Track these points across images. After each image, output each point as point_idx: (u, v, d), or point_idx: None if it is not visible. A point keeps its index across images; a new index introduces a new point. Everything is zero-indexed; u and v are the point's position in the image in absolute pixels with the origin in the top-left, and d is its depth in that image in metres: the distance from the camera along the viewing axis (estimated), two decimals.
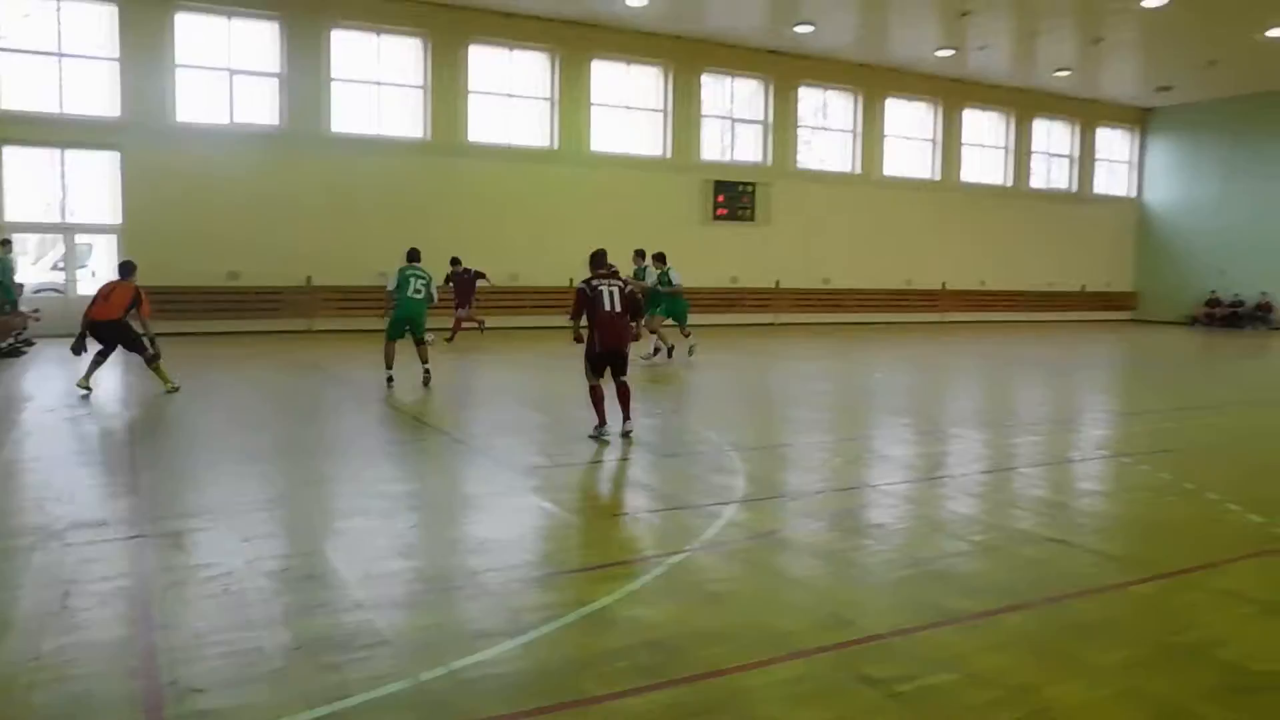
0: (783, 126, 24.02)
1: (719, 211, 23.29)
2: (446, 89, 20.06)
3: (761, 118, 23.99)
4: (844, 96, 25.10)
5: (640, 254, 15.01)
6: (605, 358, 7.88)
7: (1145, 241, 30.23)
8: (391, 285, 11.25)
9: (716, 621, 4.03)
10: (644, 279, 14.34)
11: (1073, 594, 4.49)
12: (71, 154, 17.60)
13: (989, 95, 26.75)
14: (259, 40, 18.59)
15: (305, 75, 18.78)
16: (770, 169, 23.98)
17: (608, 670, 3.51)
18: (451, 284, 16.75)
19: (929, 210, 26.09)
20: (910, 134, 26.17)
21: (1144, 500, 6.55)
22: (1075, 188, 29.31)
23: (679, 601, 4.27)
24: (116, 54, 17.39)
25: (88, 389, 10.05)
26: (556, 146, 21.37)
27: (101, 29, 17.35)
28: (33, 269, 17.77)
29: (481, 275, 17.21)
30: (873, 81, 24.89)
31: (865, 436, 9.10)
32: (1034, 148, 28.29)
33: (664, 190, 22.35)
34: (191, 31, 17.97)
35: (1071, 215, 28.86)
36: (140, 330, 10.26)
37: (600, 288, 7.84)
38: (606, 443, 7.62)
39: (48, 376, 11.45)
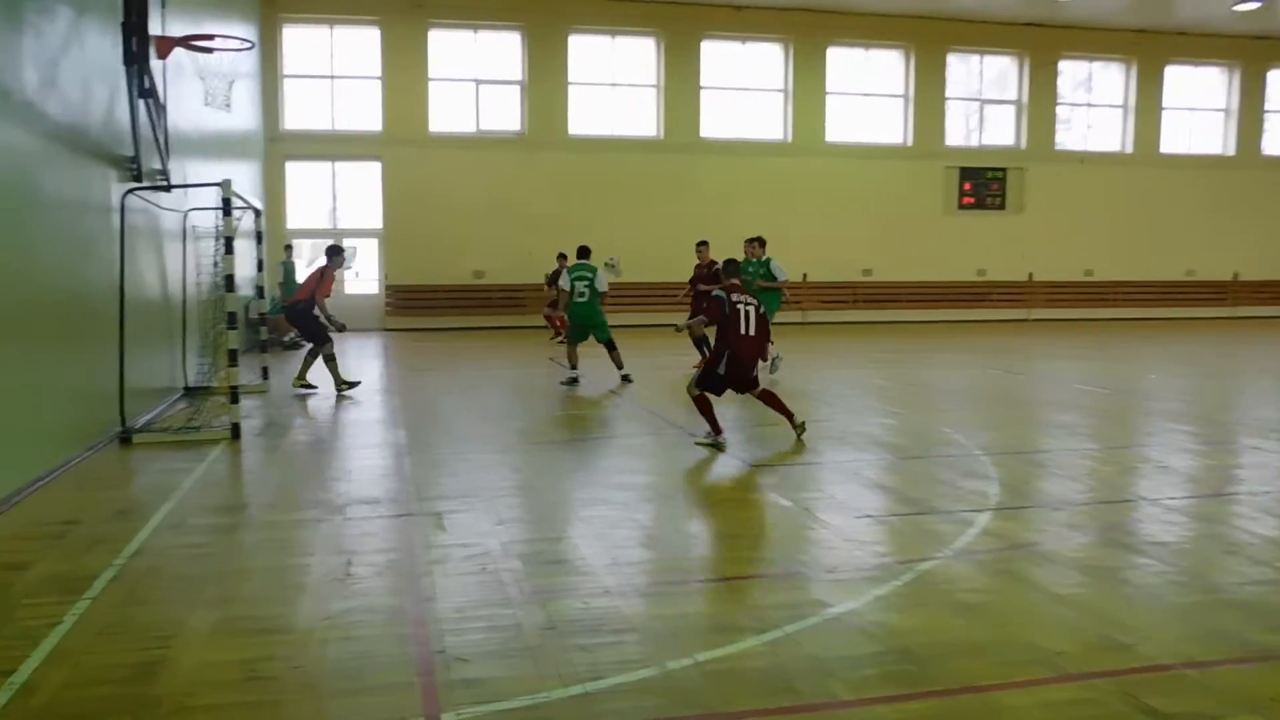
0: (1039, 105, 22.27)
1: (965, 200, 22.04)
2: (679, 86, 20.39)
3: (1014, 97, 22.38)
4: (1114, 67, 22.87)
5: (752, 242, 12.10)
6: (730, 383, 7.40)
7: None
8: (564, 283, 11.02)
9: (972, 634, 3.78)
10: (748, 274, 11.21)
11: None
12: (341, 165, 19.76)
13: None
14: (503, 49, 19.84)
15: (545, 80, 19.81)
16: (1024, 152, 22.33)
17: (856, 676, 3.37)
18: (549, 284, 16.54)
19: (1219, 190, 23.10)
20: (1196, 104, 23.37)
21: None
22: None
23: (931, 610, 4.04)
24: (379, 72, 19.23)
25: (309, 386, 10.62)
26: (790, 139, 21.11)
27: (366, 49, 19.26)
28: (306, 270, 20.04)
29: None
30: (1150, 48, 22.45)
31: (1138, 445, 8.21)
32: None
33: (905, 179, 21.44)
34: (442, 45, 19.55)
35: None
36: (324, 317, 10.57)
37: (739, 306, 7.38)
38: (722, 450, 7.24)
39: (323, 368, 12.78)
